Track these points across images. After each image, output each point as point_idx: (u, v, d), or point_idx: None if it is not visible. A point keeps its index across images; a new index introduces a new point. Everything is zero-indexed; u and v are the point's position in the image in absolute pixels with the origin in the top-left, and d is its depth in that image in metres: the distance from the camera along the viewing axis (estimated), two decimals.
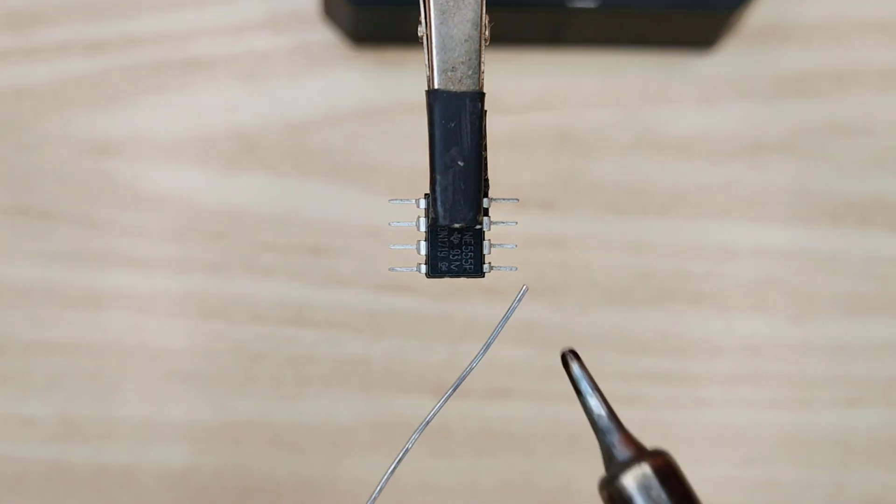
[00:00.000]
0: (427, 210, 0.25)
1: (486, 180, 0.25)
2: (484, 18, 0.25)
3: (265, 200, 0.42)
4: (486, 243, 0.26)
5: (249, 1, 0.42)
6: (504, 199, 0.26)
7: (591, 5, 0.39)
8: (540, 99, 0.43)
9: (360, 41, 0.42)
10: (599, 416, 0.24)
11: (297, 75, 0.42)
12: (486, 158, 0.25)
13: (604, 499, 0.23)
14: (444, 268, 0.26)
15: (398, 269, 0.26)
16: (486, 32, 0.25)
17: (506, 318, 0.26)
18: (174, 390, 0.41)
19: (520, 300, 0.26)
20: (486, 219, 0.25)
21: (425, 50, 0.25)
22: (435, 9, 0.24)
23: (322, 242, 0.42)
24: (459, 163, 0.24)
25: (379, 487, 0.26)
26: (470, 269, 0.26)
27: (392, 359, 0.42)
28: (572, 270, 0.42)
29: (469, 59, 0.24)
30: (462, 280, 0.26)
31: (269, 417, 0.42)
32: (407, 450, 0.26)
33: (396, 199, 0.26)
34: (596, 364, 0.42)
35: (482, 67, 0.25)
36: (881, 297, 0.43)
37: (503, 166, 0.42)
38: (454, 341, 0.42)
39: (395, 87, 0.42)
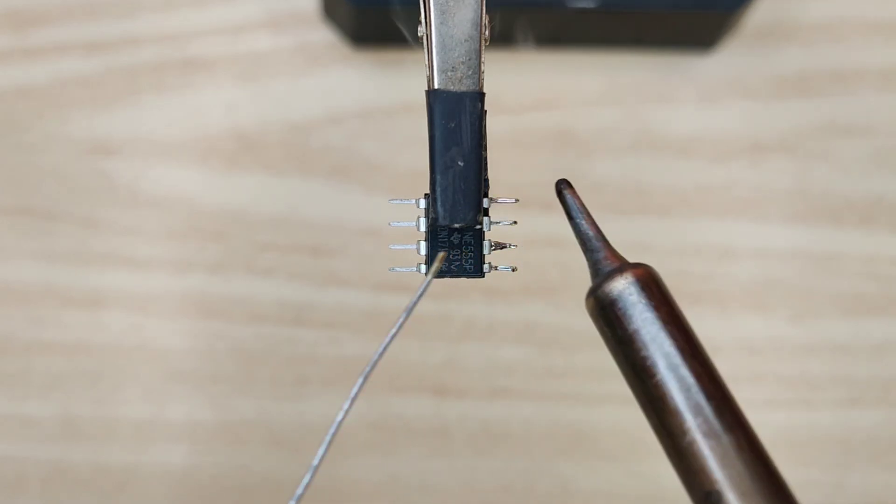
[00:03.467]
0: (427, 210, 0.25)
1: (486, 180, 0.25)
2: (484, 18, 0.25)
3: (265, 200, 0.42)
4: (486, 243, 0.25)
5: (249, 1, 0.42)
6: (504, 200, 0.26)
7: (591, 5, 0.39)
8: (540, 99, 0.43)
9: (360, 41, 0.42)
10: (588, 236, 0.25)
11: (297, 75, 0.42)
12: (485, 158, 0.25)
13: (590, 308, 0.24)
14: (444, 268, 0.26)
15: (398, 269, 0.26)
16: (486, 32, 0.25)
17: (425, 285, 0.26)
18: (174, 390, 0.41)
19: (439, 263, 0.26)
20: (486, 219, 0.25)
21: (425, 50, 0.25)
22: (435, 9, 0.24)
23: (322, 242, 0.42)
24: (459, 163, 0.24)
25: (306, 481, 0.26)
26: (470, 269, 0.26)
27: (392, 359, 0.42)
28: (572, 270, 0.42)
29: (469, 59, 0.24)
30: (462, 280, 0.26)
31: (269, 417, 0.42)
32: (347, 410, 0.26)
33: (396, 199, 0.26)
34: (596, 364, 0.42)
35: (482, 67, 0.25)
36: (881, 297, 0.43)
37: (503, 166, 0.42)
38: (454, 341, 0.42)
39: (395, 87, 0.42)
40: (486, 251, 0.26)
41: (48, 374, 0.41)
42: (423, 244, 0.26)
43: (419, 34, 0.25)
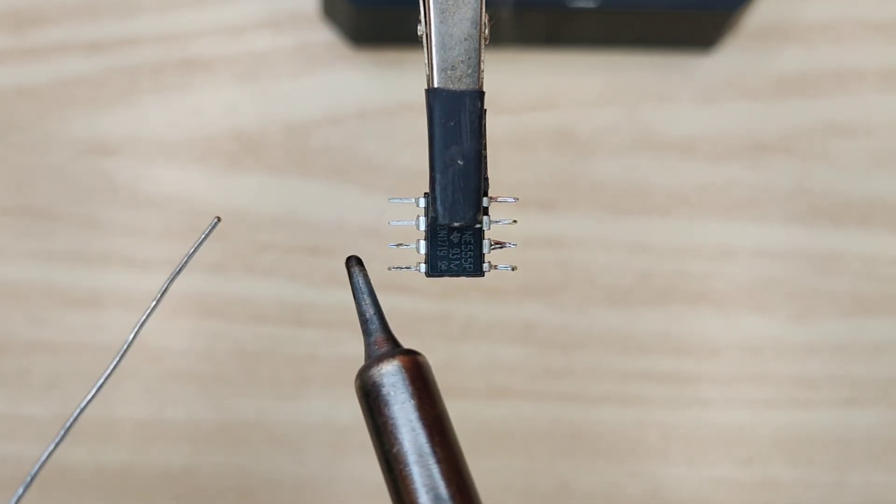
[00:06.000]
0: (427, 209, 0.25)
1: (486, 179, 0.25)
2: (483, 17, 0.25)
3: (265, 200, 0.42)
4: (485, 242, 0.25)
5: (249, 1, 0.42)
6: (504, 199, 0.26)
7: (591, 5, 0.39)
8: (540, 99, 0.43)
9: (360, 41, 0.42)
10: (366, 318, 0.25)
11: (297, 75, 0.42)
12: (485, 157, 0.25)
13: (357, 390, 0.25)
14: (443, 267, 0.26)
15: (398, 268, 0.26)
16: (486, 31, 0.25)
17: (195, 248, 0.26)
18: (174, 390, 0.41)
19: (210, 231, 0.26)
20: (485, 218, 0.25)
21: (425, 49, 0.25)
22: (435, 7, 0.24)
23: (322, 242, 0.42)
24: (459, 161, 0.24)
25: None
26: (469, 268, 0.26)
27: None
28: (572, 270, 0.42)
29: (469, 58, 0.24)
30: (462, 280, 0.26)
31: (269, 417, 0.42)
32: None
33: (396, 198, 0.26)
34: (596, 364, 0.42)
35: (482, 66, 0.25)
36: (881, 297, 0.43)
37: (503, 166, 0.42)
38: (454, 341, 0.42)
39: (395, 87, 0.42)
40: (485, 250, 0.26)
41: (48, 374, 0.41)
42: (422, 243, 0.26)
43: (419, 33, 0.25)
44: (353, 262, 0.26)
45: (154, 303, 0.26)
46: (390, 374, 0.24)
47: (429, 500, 0.23)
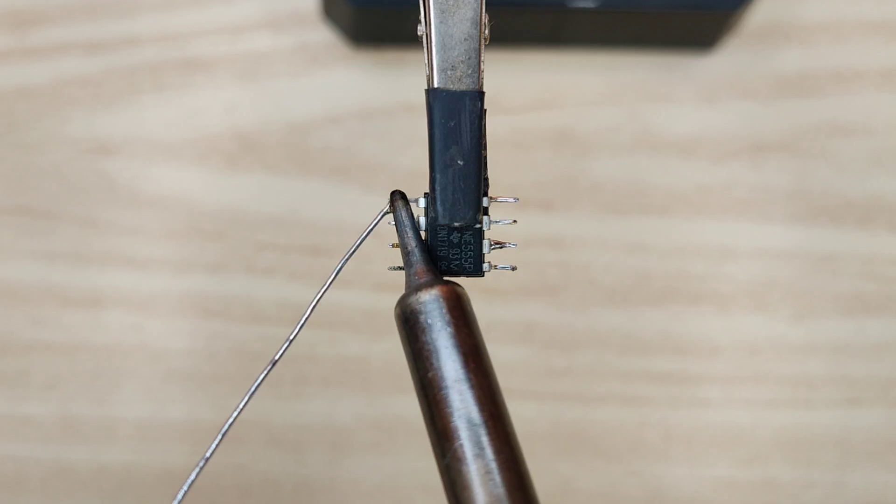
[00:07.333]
0: (427, 209, 0.25)
1: (486, 179, 0.25)
2: (483, 17, 0.25)
3: (265, 200, 0.42)
4: (485, 242, 0.25)
5: (249, 1, 0.42)
6: (504, 199, 0.26)
7: (591, 5, 0.39)
8: (540, 99, 0.43)
9: (360, 41, 0.42)
10: (408, 250, 0.25)
11: (297, 75, 0.42)
12: (485, 157, 0.25)
13: (395, 318, 0.25)
14: (443, 267, 0.26)
15: (398, 268, 0.26)
16: (486, 31, 0.25)
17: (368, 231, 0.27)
18: (174, 390, 0.41)
19: (382, 216, 0.26)
20: (485, 218, 0.25)
21: (425, 49, 0.25)
22: (435, 8, 0.24)
23: (322, 242, 0.42)
24: (459, 161, 0.24)
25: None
26: (470, 268, 0.26)
27: (392, 359, 0.42)
28: (572, 270, 0.42)
29: (469, 58, 0.24)
30: (462, 279, 0.26)
31: (268, 417, 0.42)
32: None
33: None
34: (596, 364, 0.42)
35: (482, 66, 0.25)
36: (881, 297, 0.43)
37: (503, 166, 0.42)
38: None
39: (395, 87, 0.42)
40: (485, 250, 0.26)
41: (48, 374, 0.41)
42: None
43: (419, 33, 0.25)
44: (398, 197, 0.26)
45: (327, 284, 0.26)
46: (429, 303, 0.24)
47: (462, 424, 0.23)
